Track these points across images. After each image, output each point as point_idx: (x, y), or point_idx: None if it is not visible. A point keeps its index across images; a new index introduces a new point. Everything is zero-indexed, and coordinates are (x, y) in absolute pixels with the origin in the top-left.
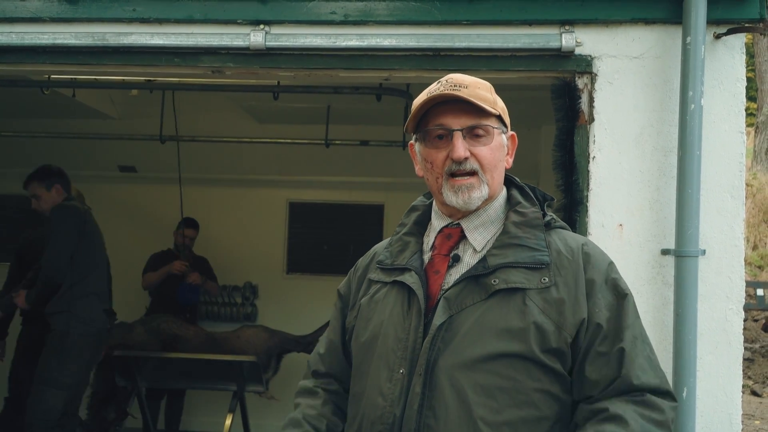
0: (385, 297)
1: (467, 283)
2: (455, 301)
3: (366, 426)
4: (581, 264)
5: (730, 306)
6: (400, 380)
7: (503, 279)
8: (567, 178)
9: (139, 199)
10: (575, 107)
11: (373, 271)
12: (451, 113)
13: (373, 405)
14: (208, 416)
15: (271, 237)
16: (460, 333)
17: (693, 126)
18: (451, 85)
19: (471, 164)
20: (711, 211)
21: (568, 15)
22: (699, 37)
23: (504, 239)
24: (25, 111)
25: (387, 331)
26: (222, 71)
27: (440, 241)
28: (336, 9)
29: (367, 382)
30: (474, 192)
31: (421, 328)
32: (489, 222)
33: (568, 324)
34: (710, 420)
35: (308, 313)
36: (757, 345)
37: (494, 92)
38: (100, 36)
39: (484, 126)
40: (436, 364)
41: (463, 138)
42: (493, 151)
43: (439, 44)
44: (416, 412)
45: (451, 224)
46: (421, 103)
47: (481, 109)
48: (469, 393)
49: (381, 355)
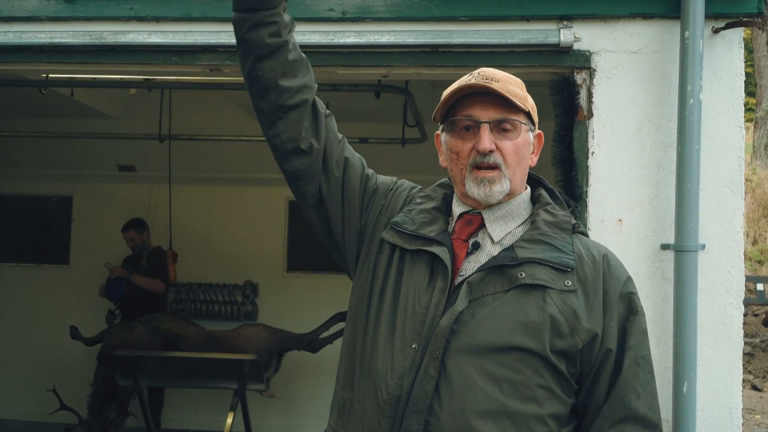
0: (407, 264)
1: (491, 271)
2: (477, 287)
3: (370, 393)
4: (602, 274)
5: (730, 300)
6: (411, 355)
7: (530, 274)
8: (566, 173)
9: (138, 198)
10: (574, 103)
11: (388, 232)
12: (480, 105)
13: (382, 373)
14: (209, 415)
15: (271, 235)
16: (475, 319)
17: (692, 121)
18: (483, 77)
19: (495, 158)
20: (710, 205)
21: (566, 10)
22: (697, 32)
23: (534, 234)
24: (23, 111)
25: (406, 301)
26: (220, 69)
27: (460, 226)
28: (334, 6)
29: (377, 349)
30: (495, 185)
31: (441, 306)
32: (510, 216)
33: (581, 330)
34: (710, 414)
35: (309, 311)
36: (758, 339)
37: (525, 89)
38: (97, 35)
39: (512, 121)
40: (449, 346)
41: (490, 131)
42: (519, 147)
43: (437, 41)
44: (424, 391)
45: (471, 211)
46: (450, 93)
47: (511, 104)
48: (477, 378)
49: (393, 323)
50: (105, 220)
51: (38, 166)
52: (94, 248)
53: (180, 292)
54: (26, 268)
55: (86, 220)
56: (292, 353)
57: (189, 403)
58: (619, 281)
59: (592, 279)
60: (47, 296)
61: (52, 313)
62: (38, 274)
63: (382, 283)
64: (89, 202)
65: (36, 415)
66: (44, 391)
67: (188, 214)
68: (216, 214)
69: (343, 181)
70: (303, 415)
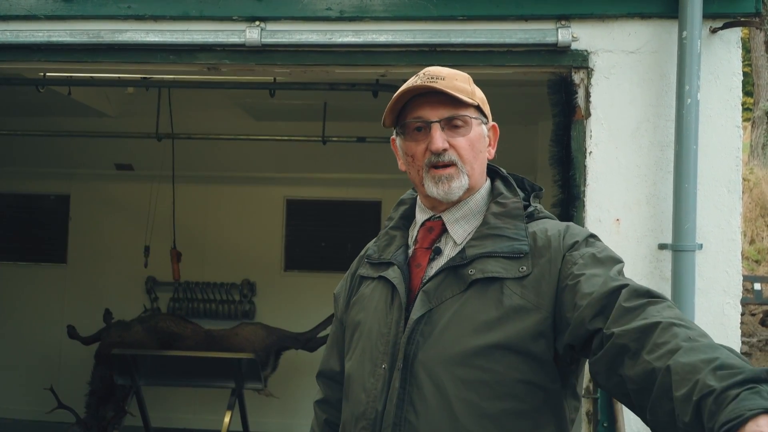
0: (372, 292)
1: (446, 275)
2: (434, 293)
3: (351, 422)
4: (561, 238)
5: (728, 300)
6: (382, 375)
7: (480, 269)
8: (564, 173)
9: (136, 197)
10: (572, 102)
11: (363, 267)
12: (428, 105)
13: (357, 401)
14: (206, 414)
15: (269, 234)
16: (439, 326)
17: (689, 120)
18: (427, 78)
19: (450, 155)
20: (708, 205)
21: (564, 10)
22: (695, 32)
23: (483, 230)
24: (20, 109)
25: (371, 326)
26: (218, 68)
27: (422, 234)
28: (332, 5)
29: (353, 378)
30: (454, 182)
31: (402, 322)
32: (471, 214)
33: (546, 297)
34: None
35: (306, 310)
36: (755, 339)
37: (473, 83)
38: (95, 33)
39: (461, 116)
40: (416, 358)
41: (441, 129)
42: (472, 141)
43: (435, 40)
44: (396, 407)
45: (432, 217)
46: (397, 96)
47: (459, 100)
48: (449, 387)
49: (365, 350)
50: (102, 219)
51: (36, 165)
52: (92, 247)
53: (178, 291)
54: (23, 267)
55: (83, 219)
56: (290, 352)
57: (186, 402)
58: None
59: (546, 252)
60: (44, 295)
61: (49, 312)
62: (35, 273)
63: (354, 316)
64: (87, 200)
65: (33, 413)
66: (42, 389)
67: (186, 212)
68: (214, 213)
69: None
70: (300, 414)
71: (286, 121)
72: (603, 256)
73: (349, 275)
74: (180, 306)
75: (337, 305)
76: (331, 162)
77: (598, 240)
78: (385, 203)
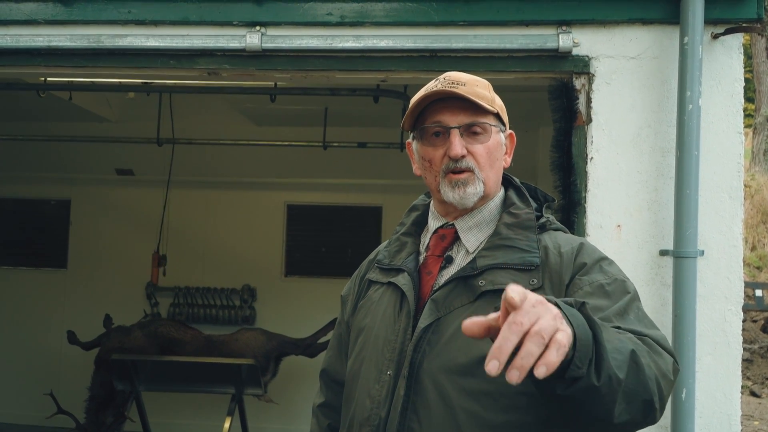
0: (380, 298)
1: (456, 284)
2: (443, 302)
3: (355, 428)
4: (573, 257)
5: (729, 307)
6: (387, 382)
7: (490, 280)
8: (565, 179)
9: (137, 203)
10: (573, 108)
11: (372, 271)
12: (448, 111)
13: (361, 407)
14: (206, 419)
15: (269, 239)
16: (446, 335)
17: (691, 126)
18: (449, 83)
19: (468, 162)
20: (709, 211)
21: (565, 15)
22: (696, 37)
23: (495, 240)
24: (21, 114)
25: (378, 333)
26: (218, 73)
27: (434, 242)
28: (332, 10)
29: (358, 384)
30: (469, 187)
31: (410, 330)
32: (483, 223)
33: None
34: (709, 421)
35: (307, 315)
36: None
37: (492, 90)
38: (95, 38)
39: (481, 123)
40: (421, 366)
41: (460, 135)
42: (490, 149)
43: (435, 45)
44: (399, 415)
45: (445, 225)
46: (417, 100)
47: (479, 107)
48: (453, 397)
49: (371, 356)
50: (103, 224)
51: (36, 170)
52: (92, 252)
53: (178, 296)
54: (24, 272)
55: (84, 223)
56: (290, 358)
57: (186, 408)
58: (592, 257)
59: (558, 269)
60: (45, 300)
61: (49, 317)
62: (36, 278)
63: (360, 320)
64: (87, 205)
65: (33, 419)
66: (41, 395)
67: (186, 217)
68: (214, 218)
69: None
70: (300, 420)
71: (286, 127)
72: (611, 289)
73: (358, 278)
74: (180, 311)
75: (344, 307)
76: (331, 167)
77: (610, 265)
78: (386, 209)
